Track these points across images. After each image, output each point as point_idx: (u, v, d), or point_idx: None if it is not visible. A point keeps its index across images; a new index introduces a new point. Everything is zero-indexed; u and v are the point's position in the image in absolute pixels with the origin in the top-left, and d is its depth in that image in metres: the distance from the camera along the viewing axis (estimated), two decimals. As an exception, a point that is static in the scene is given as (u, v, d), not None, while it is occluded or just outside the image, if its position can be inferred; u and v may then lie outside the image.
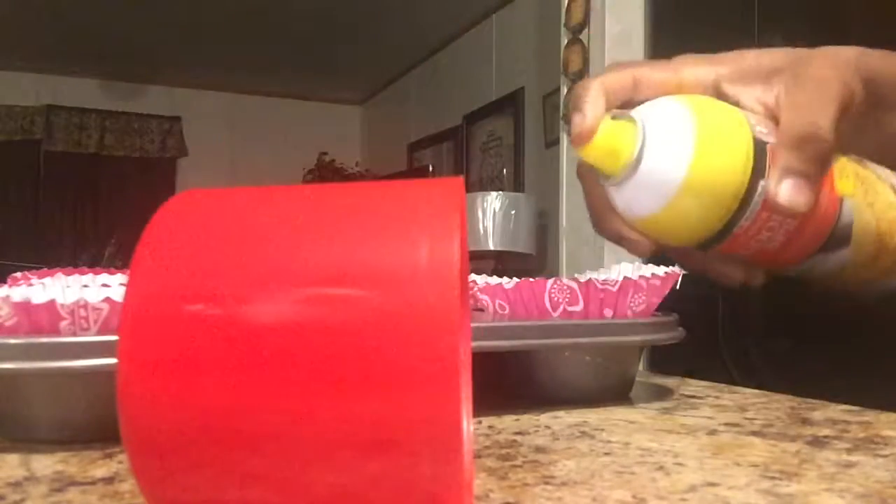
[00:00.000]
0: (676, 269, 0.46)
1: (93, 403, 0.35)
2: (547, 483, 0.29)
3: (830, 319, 1.38)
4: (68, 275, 0.45)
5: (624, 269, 0.47)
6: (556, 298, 0.46)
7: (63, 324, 0.35)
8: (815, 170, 0.33)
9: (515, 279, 0.49)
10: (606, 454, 0.34)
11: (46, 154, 4.75)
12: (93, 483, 0.29)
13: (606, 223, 0.38)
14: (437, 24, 3.83)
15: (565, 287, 0.46)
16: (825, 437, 0.38)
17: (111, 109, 4.88)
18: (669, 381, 0.56)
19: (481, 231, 2.79)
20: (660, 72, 0.38)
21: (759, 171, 0.32)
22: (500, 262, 2.91)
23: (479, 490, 0.28)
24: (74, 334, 0.35)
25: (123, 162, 4.93)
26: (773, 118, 0.36)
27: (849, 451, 0.35)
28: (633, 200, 0.34)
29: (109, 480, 0.30)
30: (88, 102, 4.81)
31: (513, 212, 2.83)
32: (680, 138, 0.33)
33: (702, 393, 0.52)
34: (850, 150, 0.37)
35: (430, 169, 4.28)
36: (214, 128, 5.06)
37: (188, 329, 0.20)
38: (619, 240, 0.38)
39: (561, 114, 2.50)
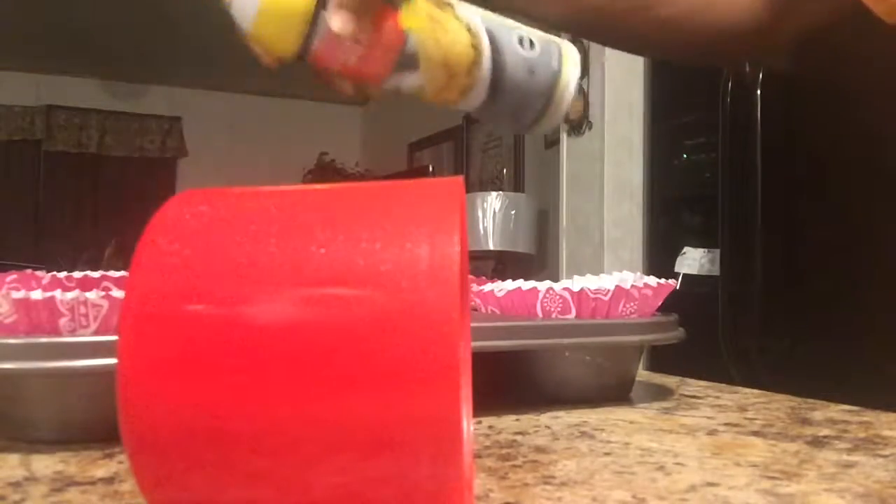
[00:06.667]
0: (671, 281, 0.47)
1: (93, 403, 0.35)
2: (547, 483, 0.29)
3: (830, 319, 1.38)
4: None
5: (623, 277, 0.48)
6: (547, 307, 0.46)
7: (63, 320, 0.35)
8: (358, 7, 0.41)
9: (511, 281, 0.49)
10: (606, 454, 0.34)
11: (46, 154, 4.74)
12: (93, 483, 0.29)
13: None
14: (437, 24, 3.83)
15: (557, 296, 0.46)
16: (825, 437, 0.38)
17: (111, 109, 4.87)
18: (669, 381, 0.56)
19: (481, 231, 2.79)
20: None
21: (321, 3, 0.41)
22: (500, 262, 2.91)
23: (479, 490, 0.28)
24: (74, 331, 0.35)
25: (123, 162, 4.92)
26: None
27: (849, 451, 0.35)
28: (239, 18, 0.43)
29: (109, 480, 0.30)
30: (88, 102, 4.81)
31: (513, 212, 2.83)
32: None
33: (702, 393, 0.52)
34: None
35: (430, 169, 4.27)
36: (214, 128, 5.05)
37: (188, 329, 0.19)
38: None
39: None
